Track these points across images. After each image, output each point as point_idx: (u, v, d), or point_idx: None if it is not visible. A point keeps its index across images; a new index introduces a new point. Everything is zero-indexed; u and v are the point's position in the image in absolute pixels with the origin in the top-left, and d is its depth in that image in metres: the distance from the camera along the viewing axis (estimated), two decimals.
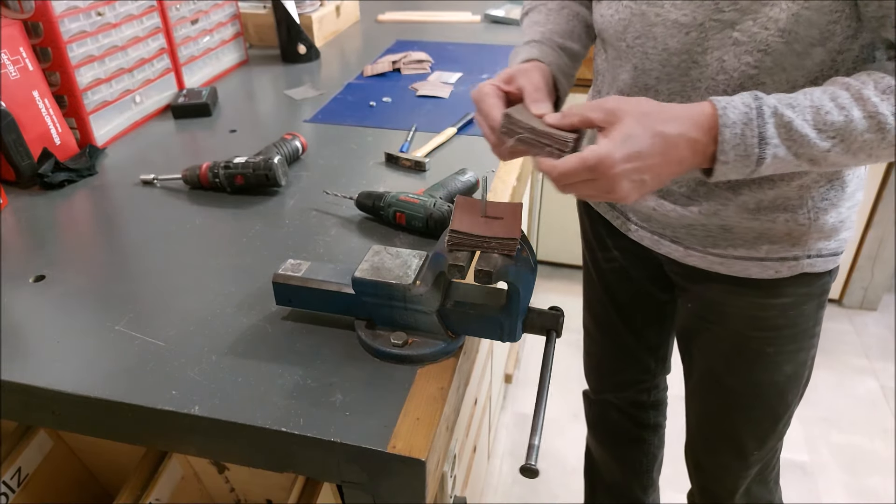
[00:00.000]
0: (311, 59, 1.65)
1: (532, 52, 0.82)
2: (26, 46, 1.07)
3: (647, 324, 1.12)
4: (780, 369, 0.91)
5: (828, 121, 0.61)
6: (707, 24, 0.69)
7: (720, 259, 0.84)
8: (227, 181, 1.02)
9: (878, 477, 1.75)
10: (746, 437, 0.99)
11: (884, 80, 0.62)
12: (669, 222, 0.86)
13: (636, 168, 0.61)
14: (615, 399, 1.25)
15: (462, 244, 0.65)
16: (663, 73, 0.75)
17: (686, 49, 0.72)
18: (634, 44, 0.77)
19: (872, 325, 2.26)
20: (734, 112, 0.62)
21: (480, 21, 1.97)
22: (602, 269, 1.09)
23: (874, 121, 0.61)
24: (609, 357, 1.21)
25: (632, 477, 1.32)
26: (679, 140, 0.61)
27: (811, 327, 0.89)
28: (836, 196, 0.79)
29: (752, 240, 0.81)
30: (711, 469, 1.08)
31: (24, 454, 0.87)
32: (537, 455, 0.61)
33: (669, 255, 0.88)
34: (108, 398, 0.66)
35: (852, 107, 0.61)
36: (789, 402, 0.95)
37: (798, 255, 0.81)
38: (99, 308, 0.79)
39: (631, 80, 0.79)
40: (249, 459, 0.67)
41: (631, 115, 0.61)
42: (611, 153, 0.60)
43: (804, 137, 0.62)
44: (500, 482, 1.76)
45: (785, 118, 0.61)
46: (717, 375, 0.97)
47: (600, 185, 0.61)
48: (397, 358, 0.70)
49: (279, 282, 0.74)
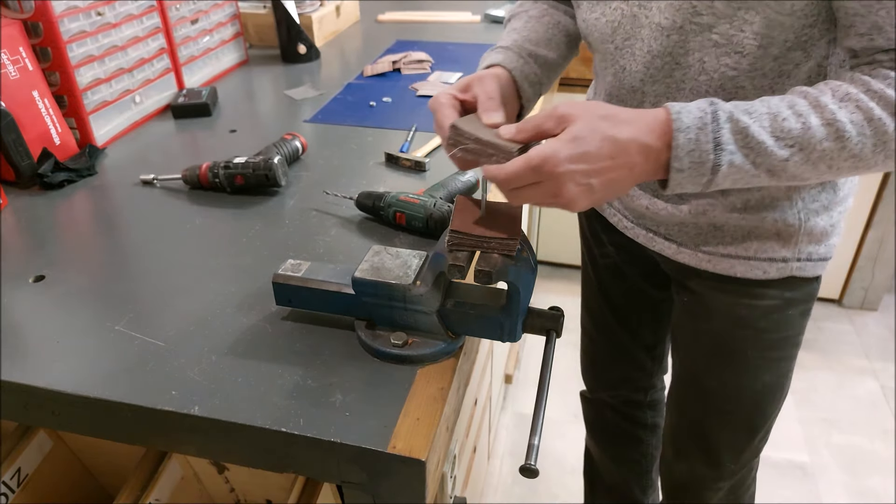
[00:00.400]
0: (311, 59, 1.65)
1: (496, 58, 0.82)
2: (26, 46, 1.07)
3: (642, 321, 1.12)
4: (759, 376, 0.91)
5: (785, 128, 0.60)
6: (687, 27, 0.69)
7: (708, 256, 0.84)
8: (227, 181, 1.01)
9: (878, 477, 1.75)
10: (720, 445, 0.99)
11: (841, 87, 0.61)
12: (662, 220, 0.86)
13: (583, 171, 0.59)
14: (610, 398, 1.25)
15: (462, 244, 0.65)
16: (647, 74, 0.75)
17: (668, 51, 0.72)
18: (623, 45, 0.77)
19: (873, 326, 2.26)
20: (688, 116, 0.60)
21: (480, 21, 1.97)
22: (598, 266, 1.10)
23: (832, 128, 0.60)
24: (604, 354, 1.21)
25: (631, 477, 1.32)
26: (630, 144, 0.60)
27: (794, 335, 0.89)
28: (827, 199, 0.79)
29: (740, 238, 0.81)
30: (682, 477, 1.07)
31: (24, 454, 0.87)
32: (537, 455, 0.61)
33: (662, 252, 0.89)
34: (108, 398, 0.66)
35: (810, 114, 0.60)
36: (767, 415, 0.95)
37: (787, 258, 0.81)
38: (99, 308, 0.79)
39: (617, 83, 0.79)
40: (249, 459, 0.67)
41: (581, 119, 0.60)
42: (556, 152, 0.58)
43: (761, 145, 0.60)
44: (500, 482, 1.76)
45: (741, 124, 0.60)
46: (696, 375, 0.97)
47: (546, 187, 0.60)
48: (397, 358, 0.70)
49: (279, 282, 0.74)
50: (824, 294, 2.34)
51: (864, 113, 0.59)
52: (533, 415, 0.64)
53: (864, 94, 0.60)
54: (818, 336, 2.21)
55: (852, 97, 0.60)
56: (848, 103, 0.60)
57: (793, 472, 1.76)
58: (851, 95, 0.60)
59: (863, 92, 0.60)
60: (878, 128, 0.59)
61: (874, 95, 0.59)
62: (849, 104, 0.60)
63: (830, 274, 2.29)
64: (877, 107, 0.59)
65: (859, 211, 2.13)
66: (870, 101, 0.59)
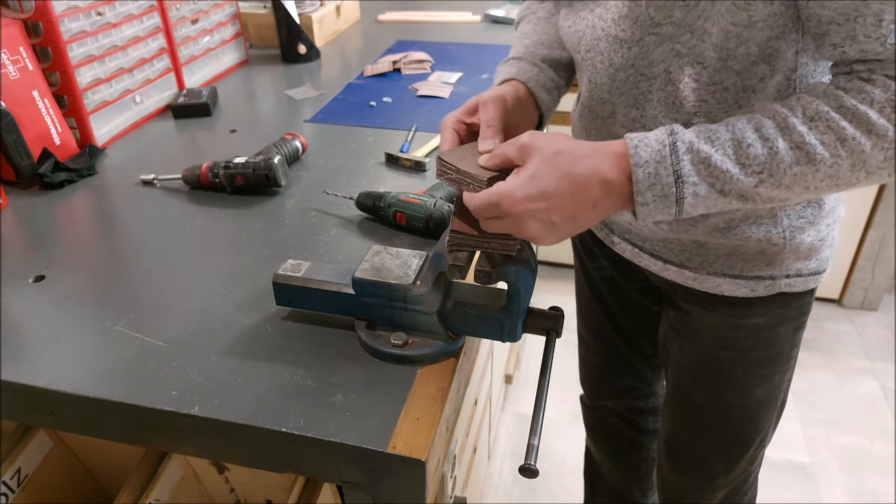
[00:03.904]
0: (311, 59, 1.65)
1: (510, 72, 0.82)
2: (26, 46, 1.07)
3: (639, 332, 1.10)
4: (749, 393, 0.89)
5: (751, 154, 0.57)
6: (647, 40, 0.68)
7: (694, 274, 0.82)
8: (227, 181, 1.01)
9: (878, 478, 1.75)
10: (712, 458, 0.98)
11: (811, 105, 0.57)
12: (646, 236, 0.84)
13: (541, 208, 0.58)
14: (612, 405, 1.24)
15: (462, 244, 0.65)
16: (613, 87, 0.74)
17: (631, 63, 0.71)
18: (587, 57, 0.76)
19: (873, 326, 2.26)
20: (646, 150, 0.59)
21: (480, 21, 1.97)
22: (592, 278, 1.08)
23: (802, 152, 0.56)
24: (603, 365, 1.20)
25: (631, 480, 1.32)
26: (589, 180, 0.59)
27: (786, 350, 0.87)
28: (812, 214, 0.76)
29: (724, 256, 0.79)
30: (677, 486, 1.07)
31: (24, 454, 0.87)
32: (536, 455, 0.61)
33: (648, 268, 0.87)
34: (108, 398, 0.66)
35: (777, 137, 0.57)
36: (760, 427, 0.93)
37: (774, 275, 0.78)
38: (99, 308, 0.79)
39: (588, 94, 0.79)
40: (249, 459, 0.67)
41: (540, 154, 0.59)
42: (512, 191, 0.58)
43: (726, 174, 0.58)
44: (501, 482, 1.76)
45: (702, 154, 0.58)
46: (685, 391, 0.96)
47: (508, 223, 0.60)
48: (397, 358, 0.70)
49: (279, 282, 0.74)
50: (824, 294, 2.34)
51: (835, 133, 0.56)
52: (532, 415, 0.64)
53: (836, 113, 0.56)
54: (818, 336, 2.21)
55: (822, 116, 0.56)
56: (818, 123, 0.57)
57: (793, 473, 1.76)
58: (822, 114, 0.57)
59: (834, 110, 0.56)
60: (853, 148, 0.56)
61: (846, 113, 0.56)
62: (819, 124, 0.56)
63: (830, 274, 2.29)
64: (849, 126, 0.56)
65: (859, 211, 2.13)
66: (841, 119, 0.56)
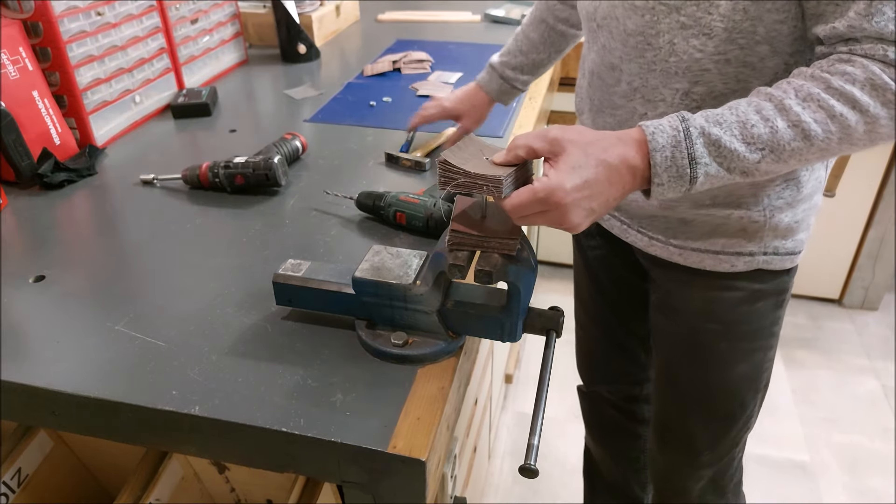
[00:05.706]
0: (311, 59, 1.65)
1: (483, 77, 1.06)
2: (26, 46, 1.07)
3: (632, 311, 1.13)
4: (733, 367, 0.93)
5: (754, 134, 0.63)
6: (657, 8, 0.73)
7: (679, 250, 0.87)
8: (227, 181, 1.01)
9: (878, 477, 1.75)
10: (697, 434, 1.00)
11: (803, 87, 0.64)
12: (634, 212, 0.89)
13: (585, 196, 0.62)
14: (607, 392, 1.26)
15: (462, 244, 0.65)
16: (624, 52, 0.79)
17: (641, 31, 0.76)
18: (603, 23, 0.81)
19: (873, 325, 2.26)
20: (662, 136, 0.64)
21: (480, 21, 1.97)
22: (587, 256, 1.12)
23: (798, 129, 0.63)
24: (599, 347, 1.22)
25: (630, 474, 1.32)
26: (621, 166, 0.64)
27: (767, 326, 0.91)
28: (791, 196, 0.82)
29: (707, 232, 0.84)
30: (664, 468, 1.10)
31: (24, 454, 0.87)
32: (536, 455, 0.61)
33: (635, 244, 0.92)
34: (109, 398, 0.66)
35: (776, 117, 0.63)
36: (745, 405, 0.96)
37: (754, 252, 0.84)
38: (99, 308, 0.79)
39: (599, 59, 0.84)
40: (249, 459, 0.67)
41: (575, 145, 0.63)
42: (562, 184, 0.61)
43: (734, 153, 0.64)
44: (501, 482, 1.76)
45: (713, 136, 0.64)
46: (671, 368, 0.99)
47: (552, 216, 0.63)
48: (397, 358, 0.70)
49: (279, 282, 0.74)
50: (824, 293, 2.34)
51: (826, 111, 0.63)
52: (532, 415, 0.64)
53: (825, 93, 0.63)
54: (818, 335, 2.21)
55: (814, 97, 0.63)
56: (810, 103, 0.63)
57: (793, 472, 1.76)
58: (813, 95, 0.63)
59: (823, 91, 0.63)
60: (841, 123, 0.63)
61: (834, 93, 0.63)
62: (811, 104, 0.63)
63: (830, 273, 2.29)
64: (837, 103, 0.62)
65: (859, 210, 2.13)
66: (830, 98, 0.63)
